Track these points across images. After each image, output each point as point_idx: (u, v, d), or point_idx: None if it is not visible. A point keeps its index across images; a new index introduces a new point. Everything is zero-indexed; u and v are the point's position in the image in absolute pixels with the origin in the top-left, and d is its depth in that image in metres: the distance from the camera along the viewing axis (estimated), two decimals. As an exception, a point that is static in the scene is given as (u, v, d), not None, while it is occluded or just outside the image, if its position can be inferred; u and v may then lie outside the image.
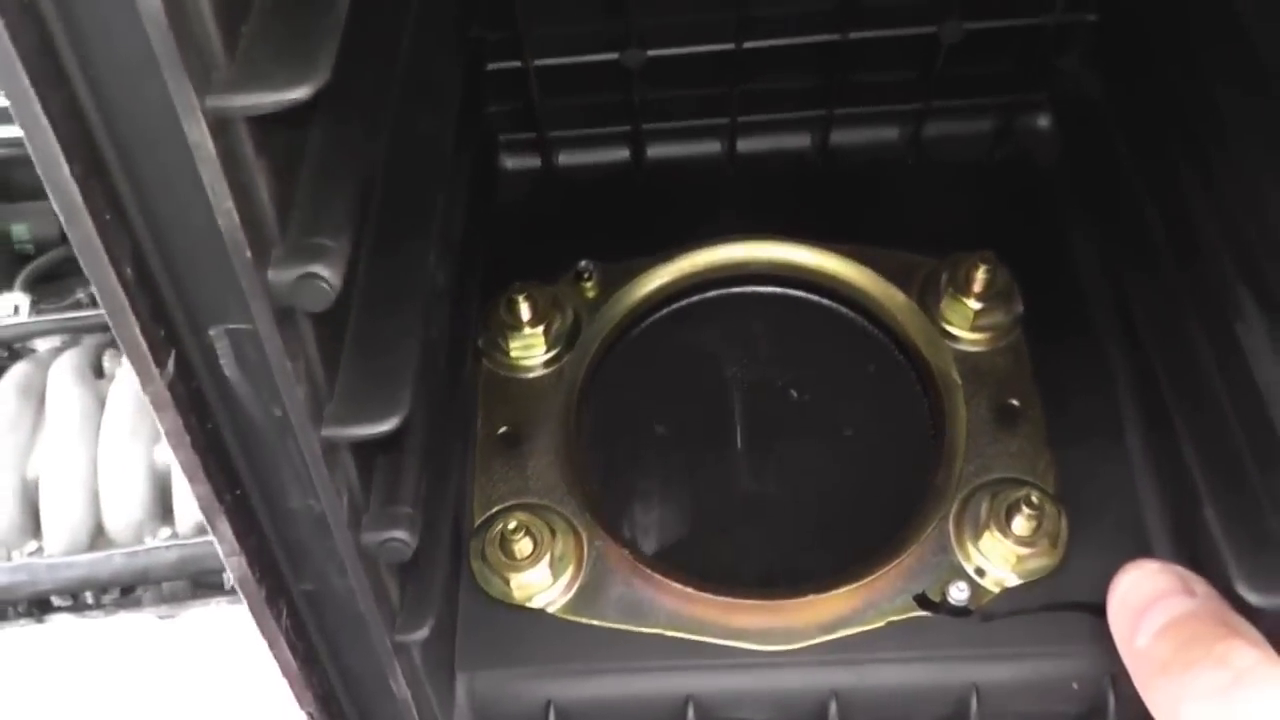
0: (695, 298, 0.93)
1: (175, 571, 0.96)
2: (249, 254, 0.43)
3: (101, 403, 1.04)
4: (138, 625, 0.95)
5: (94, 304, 1.19)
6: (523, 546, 0.77)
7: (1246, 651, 0.61)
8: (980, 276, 0.87)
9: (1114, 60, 0.92)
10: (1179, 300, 0.78)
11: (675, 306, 0.93)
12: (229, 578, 0.60)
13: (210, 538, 0.58)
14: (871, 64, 0.94)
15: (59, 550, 0.98)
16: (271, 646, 0.61)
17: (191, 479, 0.51)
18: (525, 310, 0.87)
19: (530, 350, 0.88)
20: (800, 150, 1.00)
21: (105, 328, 1.13)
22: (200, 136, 0.40)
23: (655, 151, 1.00)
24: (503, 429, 0.86)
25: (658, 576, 0.77)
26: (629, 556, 0.78)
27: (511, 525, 0.77)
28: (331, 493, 0.54)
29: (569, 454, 0.84)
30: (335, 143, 0.51)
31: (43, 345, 1.19)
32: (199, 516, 0.60)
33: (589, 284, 0.91)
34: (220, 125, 0.40)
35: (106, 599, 1.05)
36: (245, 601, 0.58)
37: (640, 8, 0.87)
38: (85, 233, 0.42)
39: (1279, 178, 0.64)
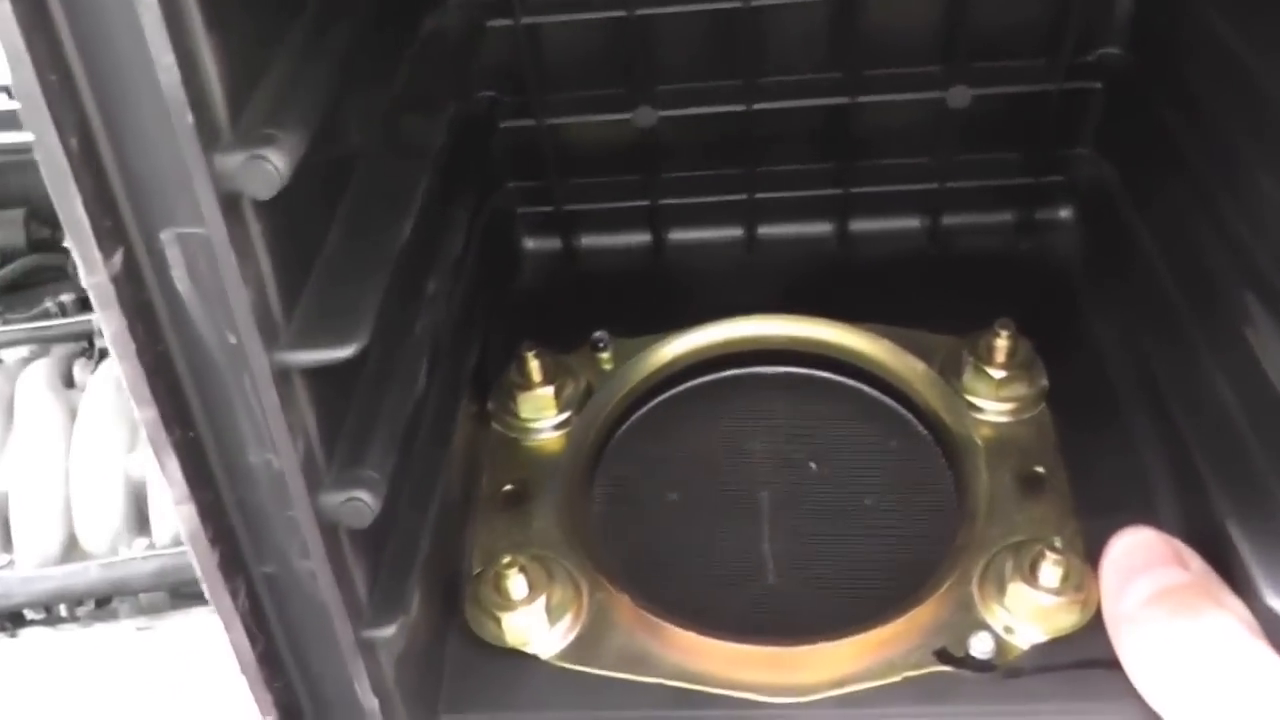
0: (712, 375, 0.92)
1: (154, 582, 0.93)
2: (190, 118, 0.43)
3: (73, 413, 1.02)
4: (115, 637, 0.92)
5: (63, 313, 1.17)
6: (517, 587, 0.74)
7: (1227, 616, 0.63)
8: (1002, 345, 0.85)
9: (1124, 137, 0.92)
10: (1196, 347, 0.76)
11: (692, 381, 0.91)
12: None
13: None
14: (885, 141, 0.95)
15: (31, 563, 0.95)
16: (228, 629, 0.58)
17: (137, 398, 0.50)
18: (536, 370, 0.86)
19: (541, 412, 0.87)
20: (820, 236, 1.00)
21: (75, 337, 1.12)
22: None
23: (676, 236, 1.00)
24: (508, 487, 0.84)
25: (663, 625, 0.73)
26: (633, 605, 0.74)
27: (505, 562, 0.74)
28: (284, 432, 0.52)
29: (574, 512, 0.81)
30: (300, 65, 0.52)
31: (11, 356, 1.15)
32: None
33: (604, 355, 0.90)
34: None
35: (82, 611, 1.01)
36: (198, 566, 0.55)
37: (649, 72, 0.89)
38: (29, 90, 0.42)
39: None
